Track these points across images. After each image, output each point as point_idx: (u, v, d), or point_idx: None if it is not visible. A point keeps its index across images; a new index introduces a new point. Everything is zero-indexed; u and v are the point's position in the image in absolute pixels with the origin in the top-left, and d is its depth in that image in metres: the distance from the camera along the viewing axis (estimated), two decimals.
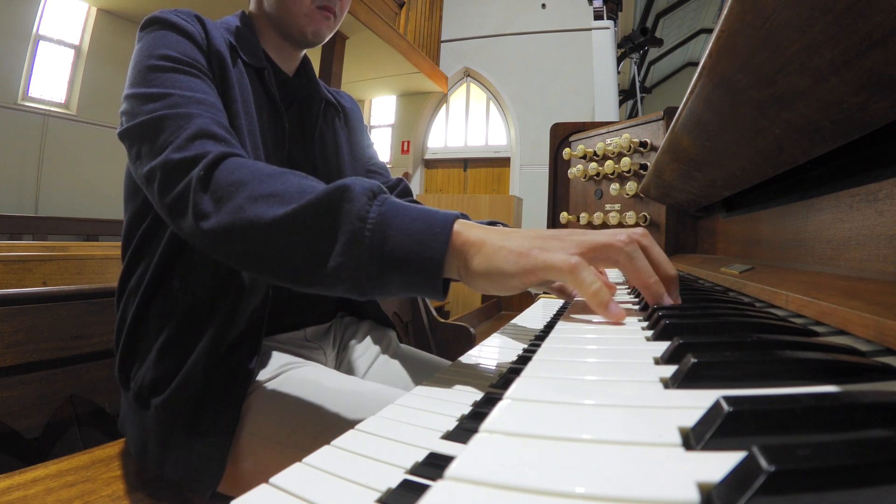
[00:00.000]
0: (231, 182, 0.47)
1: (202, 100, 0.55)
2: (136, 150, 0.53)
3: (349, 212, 0.41)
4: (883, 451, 0.13)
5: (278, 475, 0.24)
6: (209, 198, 0.47)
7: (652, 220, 1.38)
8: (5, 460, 0.72)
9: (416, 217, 0.41)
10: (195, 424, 0.56)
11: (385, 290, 0.42)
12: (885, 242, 0.42)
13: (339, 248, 0.41)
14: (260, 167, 0.48)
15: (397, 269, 0.40)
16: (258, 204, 0.44)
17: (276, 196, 0.44)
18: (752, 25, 0.34)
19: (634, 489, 0.15)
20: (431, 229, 0.40)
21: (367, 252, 0.40)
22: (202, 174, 0.48)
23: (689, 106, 0.56)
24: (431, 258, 0.39)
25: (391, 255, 0.40)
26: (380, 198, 0.42)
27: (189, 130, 0.51)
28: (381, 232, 0.40)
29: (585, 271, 0.37)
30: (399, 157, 6.76)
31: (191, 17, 0.63)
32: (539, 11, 6.11)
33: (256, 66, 0.69)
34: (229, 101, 0.62)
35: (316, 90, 0.80)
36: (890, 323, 0.26)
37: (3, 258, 1.27)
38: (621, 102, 6.31)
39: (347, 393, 0.56)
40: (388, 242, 0.40)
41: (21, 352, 0.75)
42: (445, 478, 0.16)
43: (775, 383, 0.23)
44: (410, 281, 0.40)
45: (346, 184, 0.43)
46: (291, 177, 0.47)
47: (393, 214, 0.41)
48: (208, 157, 0.48)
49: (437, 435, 0.29)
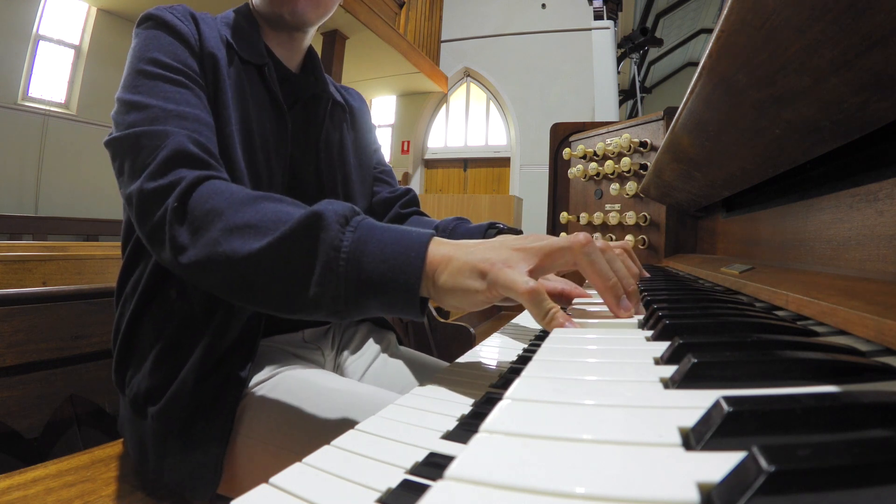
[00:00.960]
0: (206, 211, 0.47)
1: (183, 113, 0.54)
2: (118, 164, 0.54)
3: (323, 241, 0.42)
4: (883, 451, 0.13)
5: (278, 475, 0.24)
6: (185, 230, 0.47)
7: (652, 220, 1.38)
8: (5, 460, 0.72)
9: (390, 241, 0.41)
10: (190, 433, 0.56)
11: (364, 313, 0.42)
12: (885, 242, 0.42)
13: (315, 278, 0.42)
14: (235, 193, 0.48)
15: (374, 294, 0.41)
16: (234, 237, 0.45)
17: (251, 227, 0.45)
18: (752, 25, 0.34)
19: (634, 489, 0.15)
20: (406, 253, 0.40)
21: (343, 280, 0.41)
22: (176, 205, 0.47)
23: (689, 106, 0.56)
24: (406, 282, 0.40)
25: (367, 281, 0.40)
26: (353, 222, 0.43)
27: (164, 152, 0.50)
28: (355, 260, 0.41)
29: (542, 297, 0.38)
30: (399, 157, 6.76)
31: (186, 15, 0.62)
32: (539, 11, 6.11)
33: (256, 62, 0.67)
34: (222, 106, 0.60)
35: (323, 88, 0.77)
36: (890, 323, 0.26)
37: (3, 258, 1.27)
38: (621, 102, 6.32)
39: (341, 394, 0.56)
40: (364, 269, 0.40)
41: (21, 352, 0.75)
42: (445, 478, 0.16)
43: (775, 383, 0.23)
44: (388, 303, 0.41)
45: (319, 211, 0.43)
46: (267, 203, 0.46)
47: (367, 240, 0.41)
48: (182, 184, 0.48)
49: (437, 435, 0.29)
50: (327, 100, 0.76)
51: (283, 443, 0.53)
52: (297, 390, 0.57)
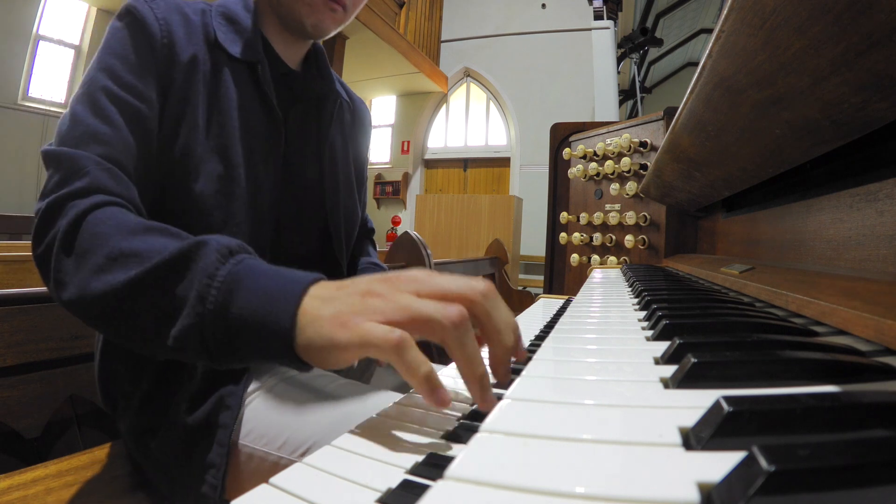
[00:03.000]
0: (92, 235, 0.44)
1: (112, 138, 0.52)
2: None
3: (198, 269, 0.39)
4: (883, 451, 0.13)
5: (278, 475, 0.24)
6: (70, 259, 0.44)
7: (652, 220, 1.38)
8: (5, 460, 0.72)
9: (269, 277, 0.37)
10: (190, 458, 0.55)
11: (238, 357, 0.37)
12: (885, 242, 0.42)
13: (186, 309, 0.38)
14: (127, 221, 0.45)
15: (245, 333, 0.36)
16: (116, 265, 0.42)
17: (135, 255, 0.42)
18: (752, 25, 0.34)
19: (634, 489, 0.15)
20: (283, 290, 0.36)
21: (212, 311, 0.37)
22: (67, 229, 0.45)
23: (689, 106, 0.56)
24: (279, 321, 0.34)
25: (239, 315, 0.36)
26: (238, 256, 0.40)
27: (79, 183, 0.48)
28: (228, 291, 0.37)
29: (411, 351, 0.30)
30: (399, 157, 6.76)
31: (169, 10, 0.58)
32: (539, 11, 6.11)
33: (248, 60, 0.62)
34: (187, 116, 0.57)
35: (329, 87, 0.72)
36: (890, 323, 0.26)
37: (3, 258, 1.27)
38: (621, 102, 6.31)
39: (341, 393, 0.55)
40: (235, 302, 0.36)
41: (21, 352, 0.75)
42: (445, 478, 0.16)
43: (775, 383, 0.23)
44: (262, 345, 0.35)
45: (203, 240, 0.41)
46: (156, 236, 0.44)
47: (246, 274, 0.38)
48: (74, 211, 0.46)
49: (437, 434, 0.29)
50: (334, 100, 0.72)
51: (282, 447, 0.53)
52: (294, 393, 0.57)
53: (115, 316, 0.42)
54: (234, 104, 0.60)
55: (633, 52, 5.75)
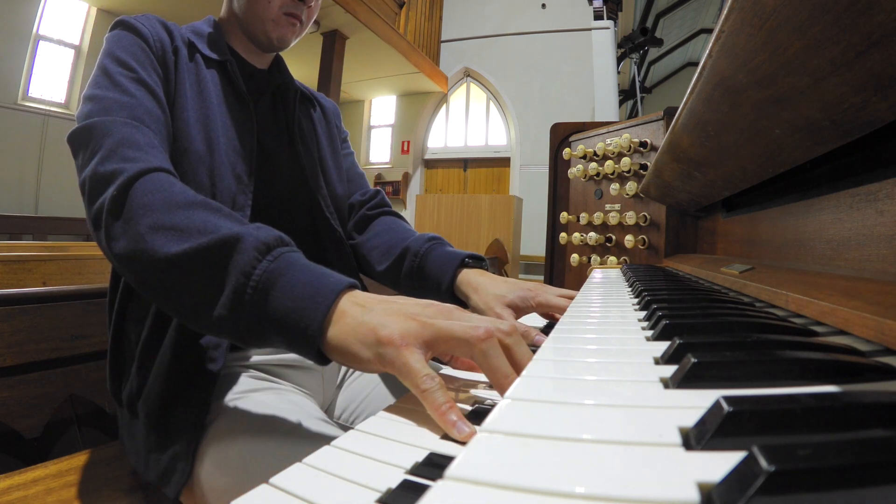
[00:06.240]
0: (140, 205, 0.48)
1: (135, 105, 0.57)
2: (77, 157, 0.56)
3: (235, 265, 0.42)
4: (883, 451, 0.13)
5: (279, 475, 0.24)
6: (119, 220, 0.48)
7: (652, 220, 1.38)
8: (5, 460, 0.72)
9: (304, 280, 0.40)
10: (168, 423, 0.56)
11: (268, 345, 0.42)
12: (885, 242, 0.42)
13: (223, 299, 0.42)
14: (174, 193, 0.49)
15: (276, 330, 0.40)
16: (157, 235, 0.45)
17: (176, 230, 0.45)
18: (752, 25, 0.34)
19: (634, 489, 0.15)
20: (314, 296, 0.39)
21: (248, 309, 0.40)
22: (115, 194, 0.49)
23: (689, 106, 0.56)
24: (309, 327, 0.38)
25: (272, 315, 0.40)
26: (274, 252, 0.42)
27: (112, 139, 0.53)
28: (263, 291, 0.40)
29: (438, 392, 0.32)
30: (399, 157, 6.76)
31: (152, 21, 0.67)
32: (539, 11, 6.11)
33: (219, 59, 0.71)
34: (180, 97, 0.65)
35: (290, 82, 0.81)
36: (890, 323, 0.26)
37: (3, 258, 1.27)
38: (621, 102, 6.31)
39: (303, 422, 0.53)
40: (270, 302, 0.40)
41: (21, 352, 0.75)
42: (445, 478, 0.16)
43: (775, 383, 0.23)
44: (290, 343, 0.40)
45: (241, 234, 0.43)
46: (200, 211, 0.47)
47: (282, 272, 0.41)
48: (124, 175, 0.49)
49: (437, 435, 0.29)
50: (294, 91, 0.81)
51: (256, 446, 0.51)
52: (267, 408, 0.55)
53: (155, 285, 0.46)
54: (212, 91, 0.68)
55: (633, 52, 5.75)
